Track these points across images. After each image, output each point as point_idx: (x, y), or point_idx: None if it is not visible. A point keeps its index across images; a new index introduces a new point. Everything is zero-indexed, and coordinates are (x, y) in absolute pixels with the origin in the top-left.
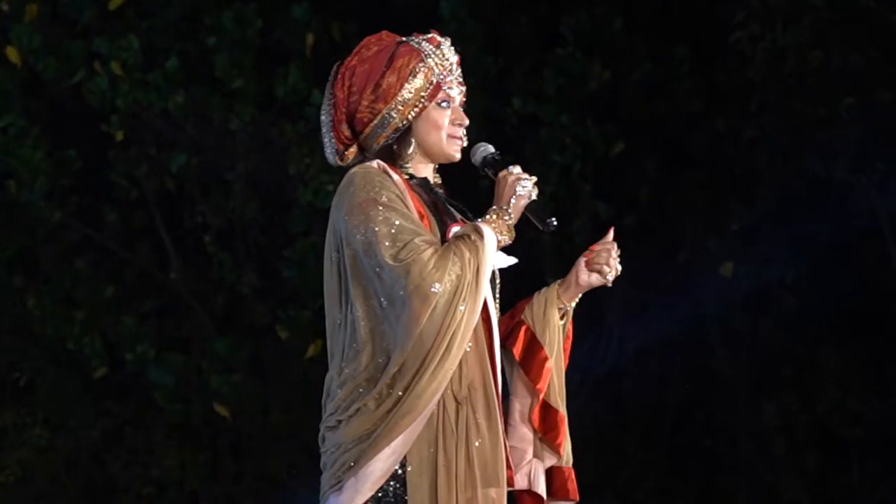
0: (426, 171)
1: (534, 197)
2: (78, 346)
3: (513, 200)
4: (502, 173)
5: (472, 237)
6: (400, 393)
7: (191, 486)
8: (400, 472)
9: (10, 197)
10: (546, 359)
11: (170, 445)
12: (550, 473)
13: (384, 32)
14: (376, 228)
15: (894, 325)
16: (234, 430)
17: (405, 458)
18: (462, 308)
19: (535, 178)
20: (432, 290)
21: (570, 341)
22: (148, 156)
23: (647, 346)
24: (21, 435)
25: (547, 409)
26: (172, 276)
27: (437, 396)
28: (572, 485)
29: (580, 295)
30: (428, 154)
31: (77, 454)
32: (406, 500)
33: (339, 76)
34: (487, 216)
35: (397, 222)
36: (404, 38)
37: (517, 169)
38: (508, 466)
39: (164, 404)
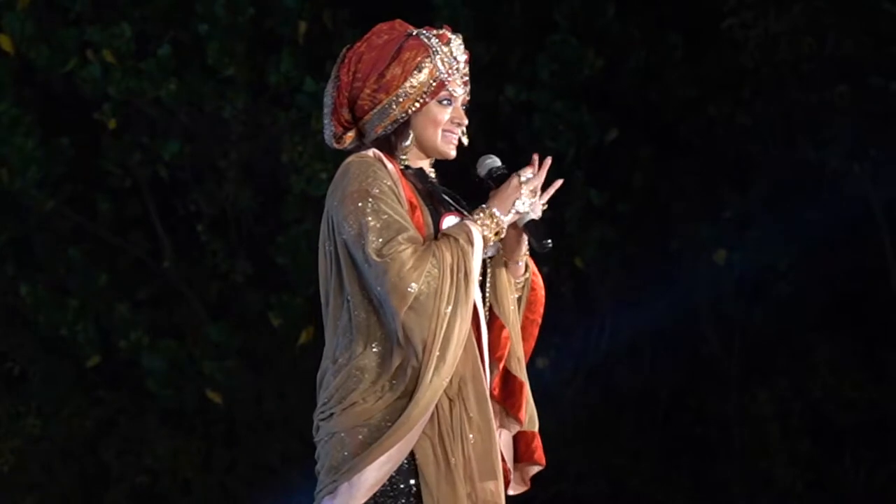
0: (422, 163)
1: (536, 216)
2: (71, 334)
3: (512, 211)
4: (513, 178)
5: (460, 240)
6: (398, 396)
7: (184, 475)
8: (402, 486)
9: (3, 185)
10: (503, 327)
11: (162, 434)
12: (515, 439)
13: (397, 21)
14: (363, 220)
15: (887, 312)
16: (227, 417)
17: (417, 463)
18: (447, 311)
19: (544, 201)
20: (409, 289)
21: (539, 291)
22: (140, 144)
23: (639, 333)
24: (14, 424)
25: (507, 377)
26: (166, 265)
27: (434, 402)
28: (538, 448)
29: (526, 244)
30: (423, 149)
31: (70, 443)
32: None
33: (347, 60)
34: (480, 214)
35: (385, 216)
36: (415, 31)
37: (526, 175)
38: (504, 460)
39: (157, 391)
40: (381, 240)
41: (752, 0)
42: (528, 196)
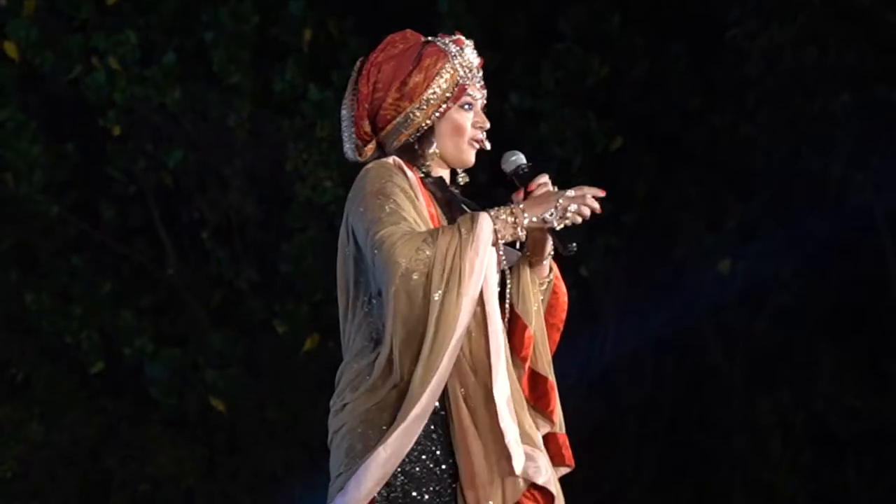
0: (443, 172)
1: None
2: (75, 341)
3: (537, 217)
4: (556, 192)
5: (462, 228)
6: (392, 386)
7: (187, 482)
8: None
9: (8, 191)
10: (525, 327)
11: (165, 441)
12: (545, 441)
13: (408, 31)
14: (374, 215)
15: (890, 321)
16: (230, 425)
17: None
18: (437, 296)
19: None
20: (397, 262)
21: (561, 296)
22: (145, 151)
23: (643, 342)
24: (18, 431)
25: (535, 378)
26: (169, 272)
27: (434, 394)
28: (567, 451)
29: (550, 244)
30: (445, 157)
31: (73, 450)
32: (413, 497)
33: (365, 71)
34: (501, 208)
35: (388, 208)
36: (430, 38)
37: (570, 193)
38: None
39: (160, 398)
40: (379, 226)
41: (755, 10)
42: (559, 211)
